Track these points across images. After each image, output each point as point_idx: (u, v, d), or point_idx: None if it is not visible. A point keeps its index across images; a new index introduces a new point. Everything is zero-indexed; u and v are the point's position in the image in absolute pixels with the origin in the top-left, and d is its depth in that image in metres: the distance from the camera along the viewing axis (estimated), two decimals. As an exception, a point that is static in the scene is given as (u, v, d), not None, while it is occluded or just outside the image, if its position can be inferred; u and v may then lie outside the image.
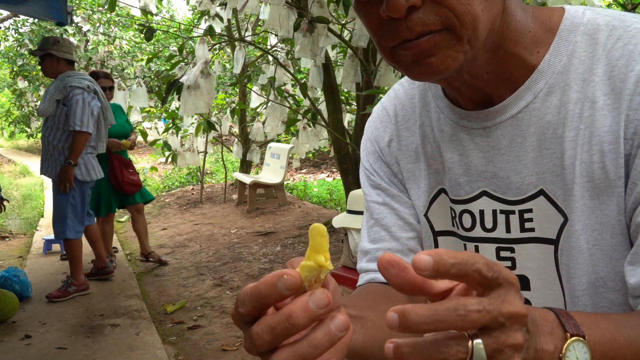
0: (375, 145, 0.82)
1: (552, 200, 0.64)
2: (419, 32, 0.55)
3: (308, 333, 0.39)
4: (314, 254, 0.40)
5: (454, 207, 0.73)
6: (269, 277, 0.39)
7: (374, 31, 0.60)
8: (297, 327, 0.38)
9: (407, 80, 0.81)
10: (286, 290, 0.38)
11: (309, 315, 0.38)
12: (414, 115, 0.78)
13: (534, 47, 0.64)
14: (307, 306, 0.38)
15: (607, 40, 0.61)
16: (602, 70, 0.60)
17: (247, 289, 0.40)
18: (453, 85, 0.66)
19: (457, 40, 0.56)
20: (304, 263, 0.40)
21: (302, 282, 0.39)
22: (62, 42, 3.87)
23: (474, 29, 0.56)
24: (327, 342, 0.38)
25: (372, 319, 0.62)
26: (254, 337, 0.39)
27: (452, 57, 0.57)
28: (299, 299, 0.38)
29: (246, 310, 0.40)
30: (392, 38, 0.58)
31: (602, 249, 0.61)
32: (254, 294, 0.39)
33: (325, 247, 0.41)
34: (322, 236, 0.41)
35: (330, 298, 0.38)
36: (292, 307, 0.38)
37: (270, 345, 0.39)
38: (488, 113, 0.66)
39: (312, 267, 0.40)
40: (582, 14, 0.64)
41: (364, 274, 0.80)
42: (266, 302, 0.39)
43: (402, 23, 0.56)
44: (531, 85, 0.64)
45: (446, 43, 0.56)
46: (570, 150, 0.61)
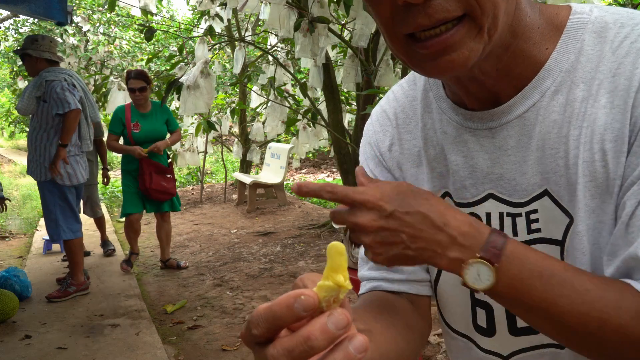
0: (375, 149, 0.79)
1: (556, 201, 0.63)
2: (438, 19, 0.53)
3: (325, 355, 0.37)
4: (332, 274, 0.39)
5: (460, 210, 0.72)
6: (285, 298, 0.37)
7: (384, 20, 0.57)
8: (315, 349, 0.36)
9: (407, 81, 0.79)
10: (303, 311, 0.37)
11: (328, 337, 0.36)
12: (415, 117, 0.76)
13: (543, 44, 0.63)
14: (326, 328, 0.36)
15: (615, 37, 0.60)
16: (607, 67, 0.59)
17: (260, 310, 0.38)
18: (461, 82, 0.65)
19: (477, 30, 0.55)
20: (322, 283, 0.39)
21: (319, 303, 0.38)
22: (40, 41, 3.81)
23: (495, 18, 0.54)
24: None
25: (379, 331, 0.61)
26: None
27: (473, 50, 0.55)
28: (317, 320, 0.37)
29: (260, 332, 0.38)
30: (407, 25, 0.55)
31: (601, 247, 0.60)
32: (269, 316, 0.38)
33: (344, 266, 0.39)
34: (341, 255, 0.39)
35: (350, 319, 0.37)
36: (311, 329, 0.36)
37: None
38: (494, 113, 0.65)
39: (330, 287, 0.38)
40: (589, 12, 0.63)
41: (365, 282, 0.79)
42: (281, 324, 0.38)
43: (419, 10, 0.53)
44: (538, 83, 0.63)
45: (468, 35, 0.54)
46: (574, 150, 0.60)
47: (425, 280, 0.77)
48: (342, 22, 4.80)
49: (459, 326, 0.76)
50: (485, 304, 0.71)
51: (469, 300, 0.73)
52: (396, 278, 0.75)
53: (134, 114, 4.37)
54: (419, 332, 0.72)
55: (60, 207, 3.82)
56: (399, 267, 0.75)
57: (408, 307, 0.74)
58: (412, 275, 0.76)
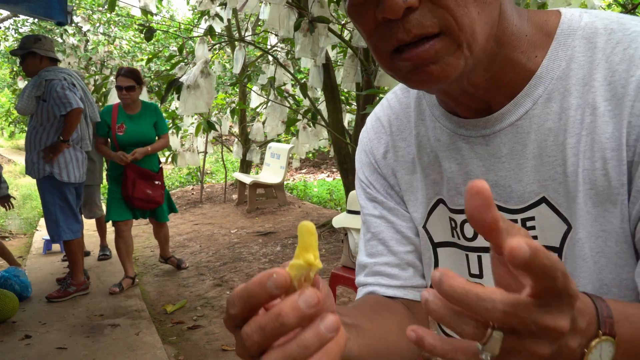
0: (370, 157, 0.80)
1: (554, 208, 0.63)
2: (415, 34, 0.54)
3: (297, 333, 0.38)
4: (303, 252, 0.40)
5: (454, 217, 0.72)
6: (258, 277, 0.38)
7: (369, 35, 0.58)
8: (286, 326, 0.37)
9: (401, 89, 0.80)
10: (275, 289, 0.37)
11: (298, 314, 0.37)
12: (409, 125, 0.76)
13: (532, 52, 0.62)
14: (297, 305, 0.37)
15: (607, 44, 0.60)
16: (602, 75, 0.59)
17: (237, 290, 0.39)
18: (450, 94, 0.65)
19: (456, 46, 0.55)
20: (293, 262, 0.40)
21: (291, 281, 0.38)
22: (43, 40, 3.83)
23: (472, 33, 0.54)
24: (317, 342, 0.38)
25: (368, 329, 0.61)
26: (243, 338, 0.38)
27: (452, 65, 0.55)
28: (288, 299, 0.38)
29: (236, 312, 0.39)
30: (387, 41, 0.56)
31: (606, 256, 0.60)
32: (244, 294, 0.39)
33: (314, 245, 0.40)
34: (311, 234, 0.40)
35: (320, 297, 0.38)
36: (282, 306, 0.37)
37: (260, 347, 0.38)
38: (487, 121, 0.65)
39: (301, 265, 0.39)
40: (579, 17, 0.63)
41: (362, 287, 0.79)
42: (256, 302, 0.38)
43: (398, 25, 0.54)
44: (530, 91, 0.62)
45: (446, 50, 0.55)
46: (573, 158, 0.60)
47: (421, 286, 0.77)
48: (342, 22, 4.80)
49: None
50: None
51: None
52: (392, 284, 0.76)
53: (121, 115, 4.05)
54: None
55: (60, 207, 3.82)
56: (395, 273, 0.76)
57: (403, 311, 0.74)
58: (408, 282, 0.76)
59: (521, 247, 0.34)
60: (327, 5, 3.50)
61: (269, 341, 0.38)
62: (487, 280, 0.70)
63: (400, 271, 0.76)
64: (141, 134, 4.06)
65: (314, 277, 0.41)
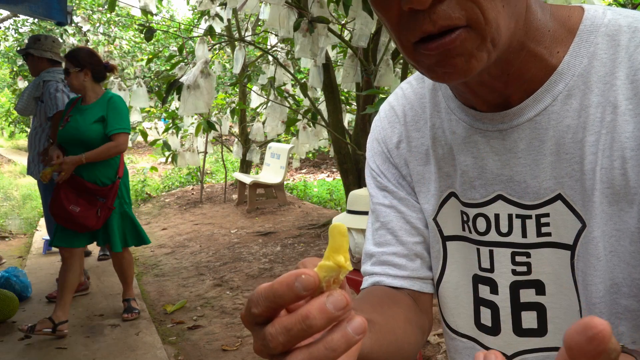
0: (382, 146, 0.79)
1: (570, 206, 0.62)
2: (442, 25, 0.52)
3: (324, 335, 0.37)
4: (333, 254, 0.39)
5: (467, 211, 0.71)
6: (286, 277, 0.37)
7: (393, 26, 0.57)
8: (313, 328, 0.36)
9: (416, 79, 0.79)
10: (303, 290, 0.36)
11: (326, 316, 0.36)
12: (424, 116, 0.75)
13: (554, 47, 0.62)
14: (325, 307, 0.36)
15: (630, 42, 0.59)
16: (624, 73, 0.59)
17: (261, 289, 0.38)
18: (469, 86, 0.64)
19: (481, 40, 0.54)
20: (323, 263, 0.39)
21: (320, 283, 0.38)
22: (42, 41, 3.80)
23: (497, 27, 0.54)
24: (344, 344, 0.37)
25: (379, 323, 0.60)
26: (267, 339, 0.37)
27: (477, 58, 0.54)
28: (316, 300, 0.37)
29: (260, 311, 0.38)
30: (412, 32, 0.55)
31: (619, 255, 0.59)
32: (269, 294, 0.38)
33: (345, 248, 0.39)
34: (343, 236, 0.39)
35: (349, 300, 0.37)
36: (309, 308, 0.36)
37: (284, 348, 0.37)
38: (505, 115, 0.64)
39: (331, 267, 0.38)
40: (602, 14, 0.62)
41: (368, 276, 0.78)
42: (281, 303, 0.37)
43: (424, 16, 0.53)
44: (550, 87, 0.62)
45: (471, 43, 0.54)
46: (591, 156, 0.60)
47: (428, 278, 0.77)
48: (342, 22, 4.80)
49: (461, 326, 0.76)
50: (490, 303, 0.71)
51: (472, 299, 0.73)
52: (399, 274, 0.75)
53: (75, 107, 3.31)
54: (420, 327, 0.72)
55: None
56: (402, 264, 0.76)
57: (409, 302, 0.74)
58: (415, 272, 0.76)
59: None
60: (326, 5, 3.50)
61: (294, 343, 0.37)
62: (497, 275, 0.70)
63: (408, 262, 0.76)
64: (77, 131, 3.18)
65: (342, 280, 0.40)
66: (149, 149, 14.09)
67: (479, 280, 0.72)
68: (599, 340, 0.31)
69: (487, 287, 0.71)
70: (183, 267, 4.71)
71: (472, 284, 0.73)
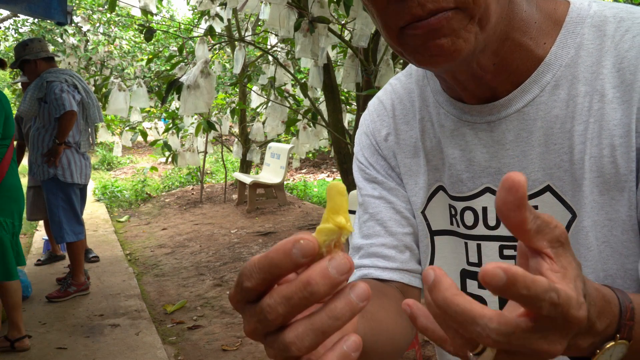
0: (371, 138, 0.79)
1: (559, 197, 0.62)
2: (431, 8, 0.52)
3: (326, 304, 0.35)
4: (332, 215, 0.36)
5: (455, 205, 0.71)
6: (282, 244, 0.34)
7: (380, 11, 0.57)
8: (315, 295, 0.33)
9: (405, 74, 0.79)
10: (302, 257, 0.33)
11: (329, 282, 0.33)
12: (412, 109, 0.76)
13: (541, 39, 0.62)
14: (327, 272, 0.33)
15: (616, 32, 0.60)
16: (610, 62, 0.59)
17: (254, 260, 0.35)
18: (458, 78, 0.64)
19: (468, 19, 0.54)
20: (322, 226, 0.35)
21: (320, 248, 0.34)
22: (30, 44, 3.84)
23: (486, 8, 0.54)
24: (349, 312, 0.34)
25: (370, 311, 0.60)
26: (265, 311, 0.34)
27: (463, 38, 0.54)
28: (317, 265, 0.34)
29: (253, 284, 0.35)
30: (401, 16, 0.54)
31: (611, 245, 0.59)
32: (264, 264, 0.34)
33: (345, 208, 0.36)
34: (342, 195, 0.36)
35: (352, 262, 0.34)
36: (310, 274, 0.33)
37: (284, 320, 0.35)
38: (493, 107, 0.65)
39: (331, 229, 0.35)
40: (588, 6, 0.63)
41: (356, 270, 0.77)
42: (278, 273, 0.34)
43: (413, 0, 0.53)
44: (537, 78, 0.62)
45: (458, 23, 0.54)
46: (580, 145, 0.60)
47: (417, 272, 0.76)
48: (342, 22, 4.80)
49: None
50: (479, 298, 0.70)
51: None
52: (388, 266, 0.75)
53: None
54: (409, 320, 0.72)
55: (63, 209, 3.84)
56: (392, 255, 0.75)
57: (398, 295, 0.73)
58: (404, 265, 0.75)
59: (495, 273, 0.33)
60: (327, 5, 3.49)
61: (294, 313, 0.34)
62: None
63: (397, 253, 0.75)
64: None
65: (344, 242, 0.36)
66: (149, 149, 14.09)
67: (467, 275, 0.72)
68: (516, 187, 0.35)
69: (475, 282, 0.71)
70: (183, 267, 4.71)
71: (460, 279, 0.73)
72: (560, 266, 0.37)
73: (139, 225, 6.75)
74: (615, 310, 0.44)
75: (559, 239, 0.37)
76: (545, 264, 0.37)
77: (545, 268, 0.37)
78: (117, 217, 7.25)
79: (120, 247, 5.56)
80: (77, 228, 3.92)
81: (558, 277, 0.37)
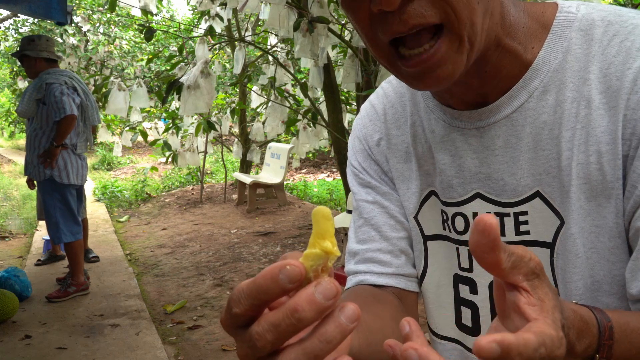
0: (364, 143, 0.79)
1: (548, 203, 0.62)
2: (413, 24, 0.52)
3: (316, 328, 0.35)
4: (318, 240, 0.36)
5: (446, 210, 0.71)
6: (269, 270, 0.34)
7: (364, 28, 0.57)
8: (303, 322, 0.33)
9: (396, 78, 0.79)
10: (289, 283, 0.34)
11: (315, 308, 0.33)
12: (404, 114, 0.76)
13: (529, 43, 0.62)
14: (314, 298, 0.33)
15: (603, 36, 0.59)
16: (597, 67, 0.58)
17: (242, 287, 0.35)
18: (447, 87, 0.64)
19: (458, 42, 0.54)
20: (309, 251, 0.35)
21: (306, 273, 0.34)
22: (37, 41, 3.80)
23: (472, 25, 0.53)
24: (339, 335, 0.34)
25: (366, 322, 0.60)
26: (254, 339, 0.34)
27: (457, 62, 0.55)
28: (303, 291, 0.34)
29: (242, 310, 0.35)
30: (384, 32, 0.54)
31: (599, 252, 0.59)
32: (252, 290, 0.34)
33: (331, 232, 0.36)
34: (327, 220, 0.36)
35: (339, 287, 0.34)
36: (297, 300, 0.33)
37: (273, 346, 0.35)
38: (482, 112, 0.64)
39: (317, 254, 0.35)
40: (576, 9, 0.62)
41: (352, 276, 0.77)
42: (266, 299, 0.35)
43: (394, 16, 0.52)
44: (525, 84, 0.62)
45: (450, 48, 0.54)
46: (567, 151, 0.59)
47: (413, 276, 0.76)
48: (342, 22, 4.80)
49: (442, 328, 0.75)
50: (470, 303, 0.71)
51: (452, 299, 0.73)
52: (384, 271, 0.75)
53: None
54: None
55: (60, 210, 3.83)
56: (387, 260, 0.75)
57: (395, 301, 0.73)
58: (400, 269, 0.75)
59: (490, 348, 0.33)
60: (327, 5, 3.49)
61: (283, 339, 0.34)
62: (476, 274, 0.70)
63: (392, 258, 0.75)
64: None
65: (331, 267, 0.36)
66: (149, 149, 14.09)
67: (460, 280, 0.72)
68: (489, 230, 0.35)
69: (467, 287, 0.71)
70: (183, 267, 4.71)
71: (453, 284, 0.73)
72: (537, 298, 0.38)
73: (139, 225, 6.75)
74: (594, 331, 0.45)
75: (534, 271, 0.38)
76: (523, 298, 0.38)
77: (523, 302, 0.38)
78: (117, 217, 7.25)
79: (120, 247, 5.56)
80: (75, 228, 3.91)
81: (536, 311, 0.38)
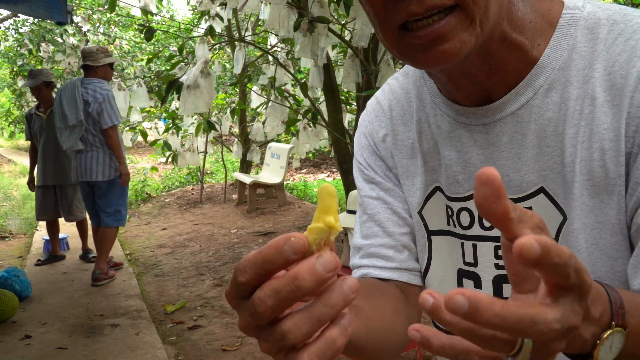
0: (369, 139, 0.80)
1: (552, 198, 0.63)
2: (430, 5, 0.52)
3: (321, 294, 0.37)
4: (322, 215, 0.38)
5: (451, 205, 0.72)
6: (275, 241, 0.36)
7: (377, 10, 0.56)
8: (302, 289, 0.35)
9: (402, 74, 0.80)
10: (293, 253, 0.36)
11: (315, 277, 0.35)
12: (410, 110, 0.76)
13: (535, 39, 0.62)
14: (314, 268, 0.35)
15: (608, 35, 0.60)
16: (602, 65, 0.59)
17: (249, 257, 0.37)
18: (453, 78, 0.64)
19: (470, 22, 0.54)
20: (312, 225, 0.38)
21: (310, 246, 0.37)
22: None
23: (486, 9, 0.54)
24: (342, 302, 0.37)
25: (366, 310, 0.60)
26: (256, 304, 0.36)
27: (465, 41, 0.54)
28: (305, 261, 0.36)
29: (247, 279, 0.37)
30: (399, 14, 0.54)
31: (600, 248, 0.60)
32: (258, 260, 0.37)
33: (334, 208, 0.39)
34: (332, 196, 0.39)
35: (338, 261, 0.36)
36: (299, 269, 0.36)
37: (273, 312, 0.37)
38: (487, 109, 0.65)
39: (321, 228, 0.38)
40: (582, 7, 0.63)
41: (356, 269, 0.79)
42: (270, 268, 0.37)
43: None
44: (531, 81, 0.62)
45: (460, 25, 0.54)
46: (571, 148, 0.60)
47: (416, 270, 0.77)
48: (342, 22, 4.80)
49: None
50: None
51: None
52: (387, 266, 0.76)
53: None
54: (408, 318, 0.72)
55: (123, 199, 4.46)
56: (390, 255, 0.76)
57: (398, 293, 0.74)
58: (403, 264, 0.76)
59: (531, 245, 0.32)
60: (327, 5, 3.49)
61: (282, 306, 0.36)
62: (481, 269, 0.70)
63: (395, 253, 0.76)
64: None
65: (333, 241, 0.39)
66: (149, 149, 14.09)
67: (464, 274, 0.72)
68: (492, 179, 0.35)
69: (471, 282, 0.72)
70: (183, 267, 4.71)
71: (457, 278, 0.73)
72: None
73: (139, 225, 6.75)
74: (605, 299, 0.44)
75: (539, 225, 0.37)
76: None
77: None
78: (117, 217, 7.25)
79: (120, 247, 5.56)
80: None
81: None
